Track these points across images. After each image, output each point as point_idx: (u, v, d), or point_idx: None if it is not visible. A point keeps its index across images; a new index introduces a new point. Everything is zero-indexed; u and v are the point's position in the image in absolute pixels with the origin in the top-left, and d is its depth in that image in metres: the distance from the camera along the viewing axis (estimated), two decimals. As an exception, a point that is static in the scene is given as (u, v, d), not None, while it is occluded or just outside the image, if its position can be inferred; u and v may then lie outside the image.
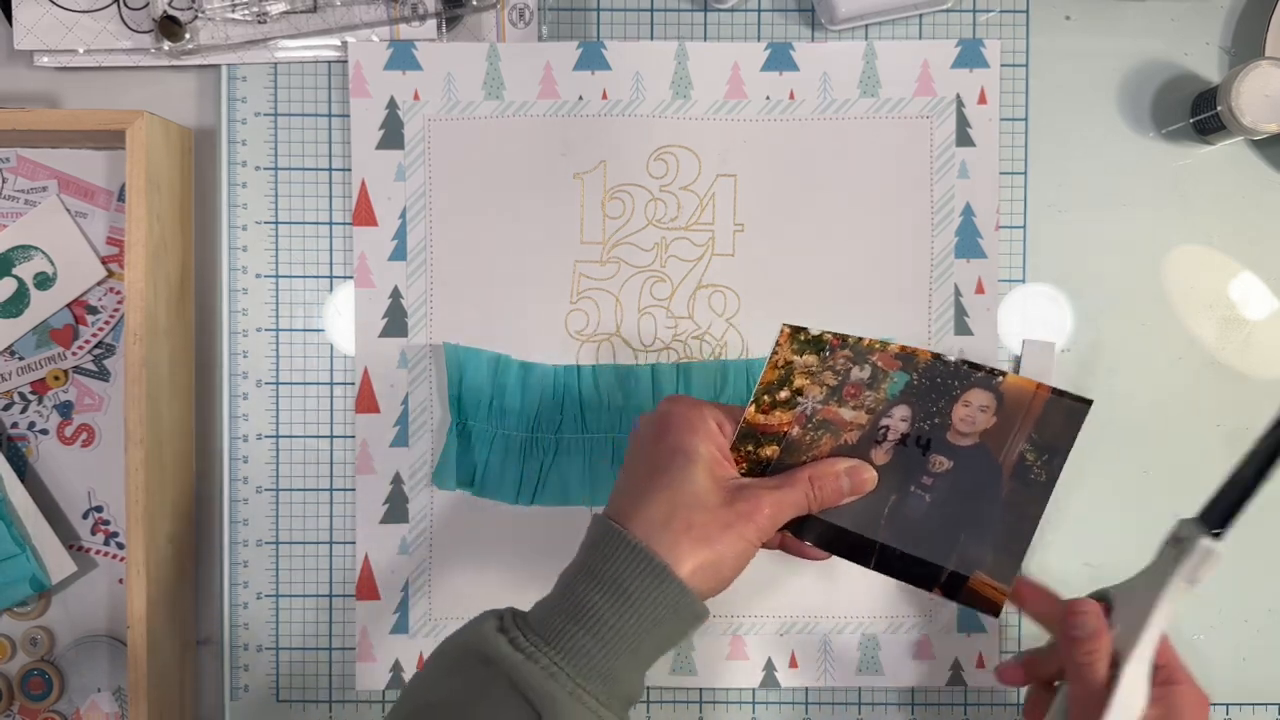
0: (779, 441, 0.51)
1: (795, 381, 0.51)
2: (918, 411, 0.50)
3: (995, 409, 0.49)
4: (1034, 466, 0.48)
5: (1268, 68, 0.59)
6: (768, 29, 0.65)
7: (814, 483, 0.50)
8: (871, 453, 0.51)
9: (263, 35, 0.63)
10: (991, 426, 0.49)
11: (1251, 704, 0.65)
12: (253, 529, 0.64)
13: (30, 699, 0.64)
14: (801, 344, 0.52)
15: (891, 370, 0.51)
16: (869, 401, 0.51)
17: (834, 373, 0.51)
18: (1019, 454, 0.49)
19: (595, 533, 0.47)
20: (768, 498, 0.48)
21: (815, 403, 0.51)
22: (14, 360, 0.64)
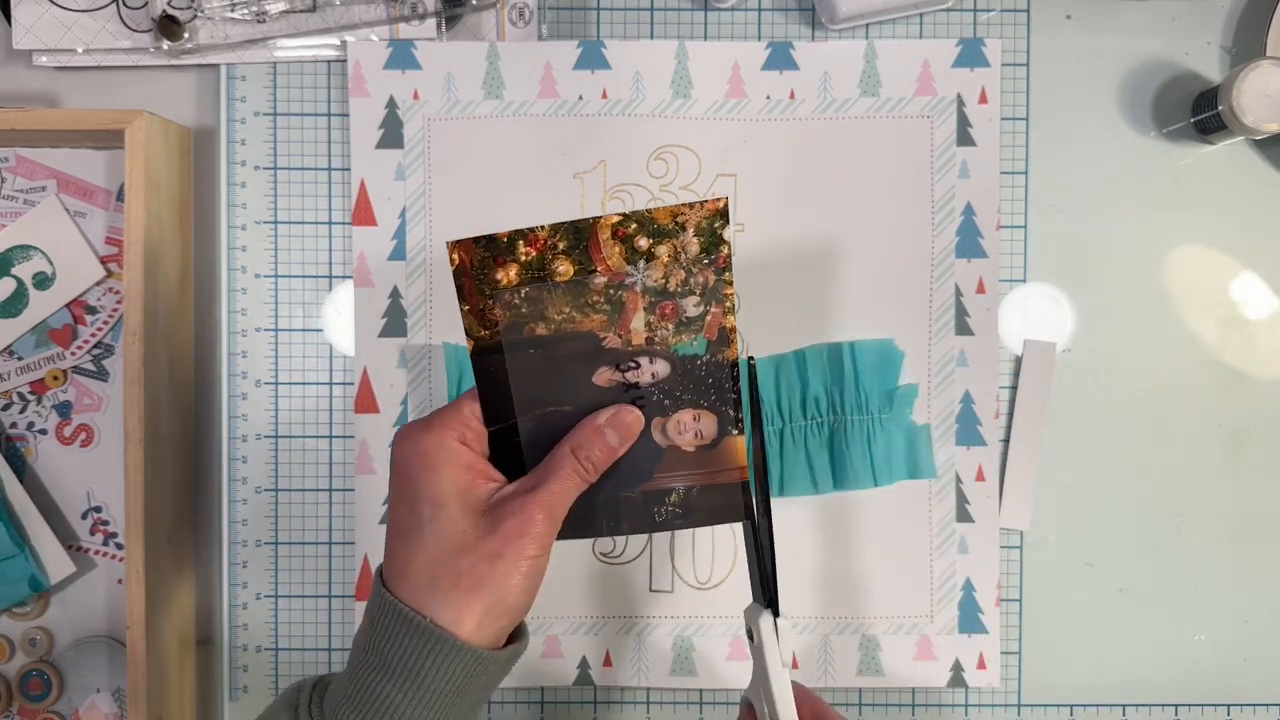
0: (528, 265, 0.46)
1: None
2: (672, 379, 0.47)
3: (707, 444, 0.47)
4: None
5: (1269, 67, 0.59)
6: (768, 28, 0.65)
7: (579, 454, 0.45)
8: (597, 374, 0.46)
9: (262, 34, 0.63)
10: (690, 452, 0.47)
11: (1252, 704, 0.65)
12: (252, 529, 0.64)
13: (29, 699, 0.64)
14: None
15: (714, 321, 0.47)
16: (651, 325, 0.46)
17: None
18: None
19: (373, 603, 0.44)
20: (533, 502, 0.43)
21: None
22: (13, 360, 0.64)
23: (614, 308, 0.46)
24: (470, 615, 0.42)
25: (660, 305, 0.46)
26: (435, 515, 0.43)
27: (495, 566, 0.42)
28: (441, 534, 0.43)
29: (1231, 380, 0.65)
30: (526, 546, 0.43)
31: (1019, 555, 0.65)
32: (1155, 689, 0.65)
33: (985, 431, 0.64)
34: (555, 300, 0.45)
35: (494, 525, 0.43)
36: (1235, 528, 0.65)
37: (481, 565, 0.42)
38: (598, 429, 0.45)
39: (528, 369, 0.46)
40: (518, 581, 0.43)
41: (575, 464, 0.45)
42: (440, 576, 0.43)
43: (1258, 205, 0.65)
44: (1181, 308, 0.65)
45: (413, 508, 0.44)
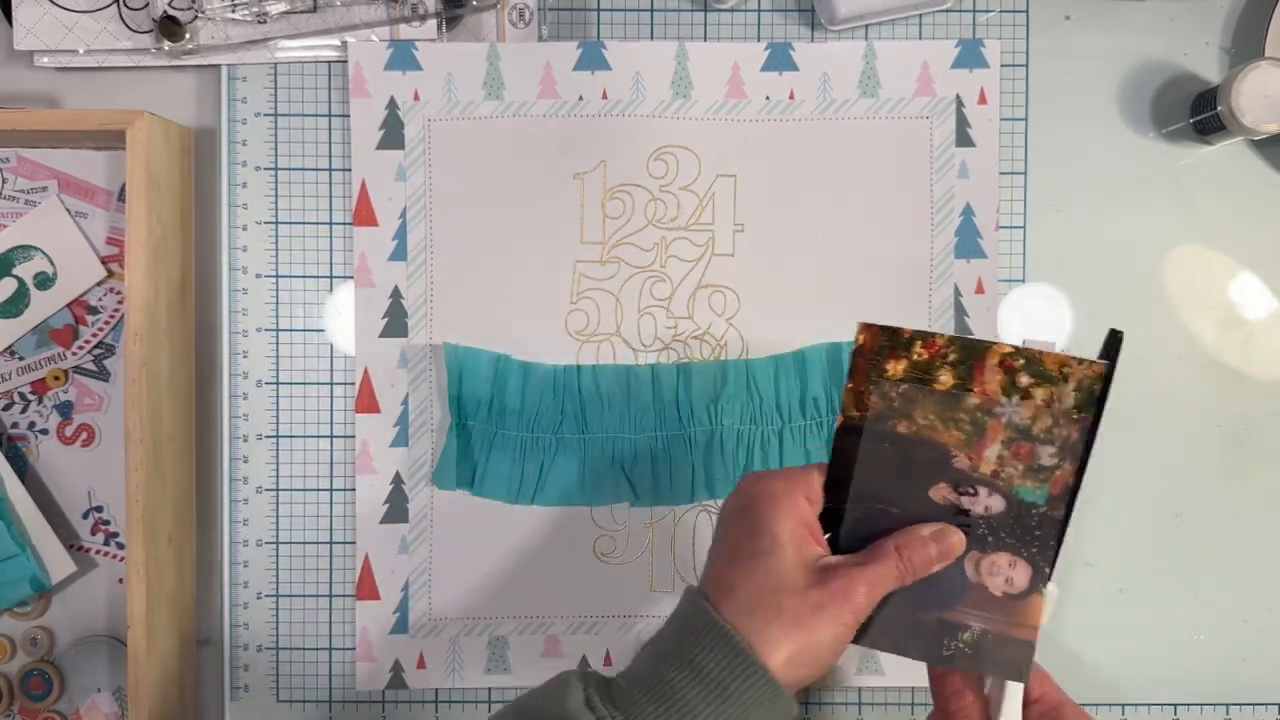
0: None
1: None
2: (1002, 519, 0.47)
3: (1015, 593, 0.48)
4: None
5: (1267, 68, 0.59)
6: (768, 29, 0.65)
7: (901, 553, 0.47)
8: (935, 488, 0.48)
9: (263, 35, 0.63)
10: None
11: (1252, 704, 0.65)
12: (253, 529, 0.64)
13: (30, 699, 0.64)
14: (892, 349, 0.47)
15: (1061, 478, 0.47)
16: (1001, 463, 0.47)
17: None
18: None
19: (687, 611, 0.46)
20: (860, 576, 0.45)
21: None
22: (14, 360, 0.64)
23: (975, 430, 0.47)
24: (782, 651, 0.43)
25: (1017, 444, 0.47)
26: (773, 549, 0.45)
27: (817, 615, 0.44)
28: (774, 568, 0.45)
29: (1231, 380, 0.65)
30: (845, 609, 0.44)
31: (1018, 555, 0.65)
32: (1155, 688, 0.65)
33: (985, 431, 0.64)
34: (926, 404, 0.47)
35: (821, 580, 0.45)
36: (1235, 528, 0.65)
37: (804, 609, 0.44)
38: (922, 538, 0.47)
39: (876, 461, 0.48)
40: (833, 637, 0.44)
41: (897, 559, 0.46)
42: (764, 607, 0.44)
43: (1257, 205, 0.65)
44: (1181, 308, 0.65)
45: (753, 535, 0.46)
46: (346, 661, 0.65)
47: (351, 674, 0.64)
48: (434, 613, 0.64)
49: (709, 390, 0.63)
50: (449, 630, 0.64)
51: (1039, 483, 0.47)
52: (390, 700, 0.65)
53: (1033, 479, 0.47)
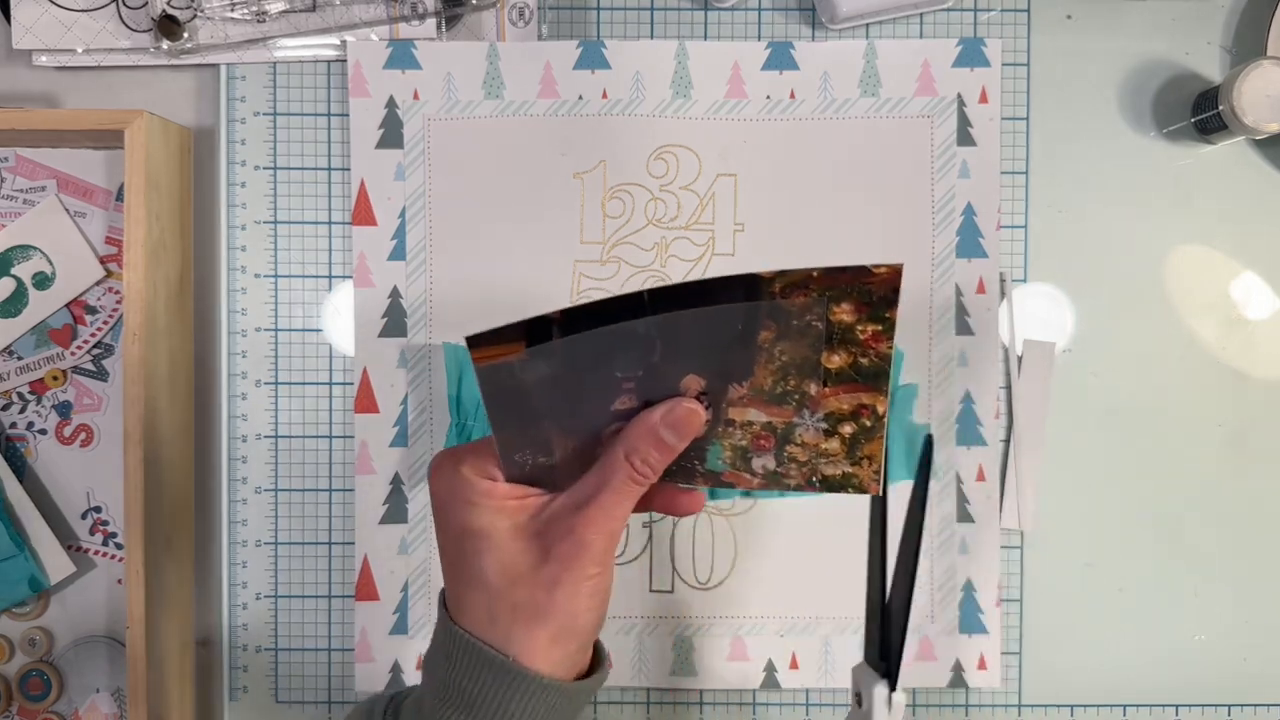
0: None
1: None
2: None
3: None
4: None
5: (1269, 67, 0.59)
6: (768, 28, 0.65)
7: (633, 460, 0.41)
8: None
9: (262, 34, 0.63)
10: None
11: (1252, 704, 0.65)
12: (252, 529, 0.64)
13: (29, 700, 0.64)
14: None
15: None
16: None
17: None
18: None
19: (442, 635, 0.43)
20: (586, 523, 0.40)
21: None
22: (12, 360, 0.64)
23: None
24: (539, 646, 0.40)
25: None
26: (479, 548, 0.41)
27: (554, 594, 0.40)
28: (491, 567, 0.41)
29: (1231, 380, 0.65)
30: (586, 567, 0.40)
31: (1019, 555, 0.65)
32: (1155, 689, 0.65)
33: (985, 431, 0.64)
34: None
35: (546, 550, 0.40)
36: (1235, 528, 0.65)
37: (539, 594, 0.40)
38: (652, 429, 0.41)
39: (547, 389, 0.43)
40: (581, 605, 0.40)
41: (630, 471, 0.41)
42: (499, 612, 0.41)
43: (1258, 205, 0.65)
44: (1182, 308, 0.65)
45: (458, 542, 0.42)
46: (345, 662, 0.64)
47: (350, 675, 0.64)
48: (433, 613, 0.64)
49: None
50: (449, 631, 0.64)
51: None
52: (390, 701, 0.65)
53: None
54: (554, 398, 0.42)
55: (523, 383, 0.42)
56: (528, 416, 0.42)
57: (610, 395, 0.42)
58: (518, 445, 0.43)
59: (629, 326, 0.41)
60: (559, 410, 0.42)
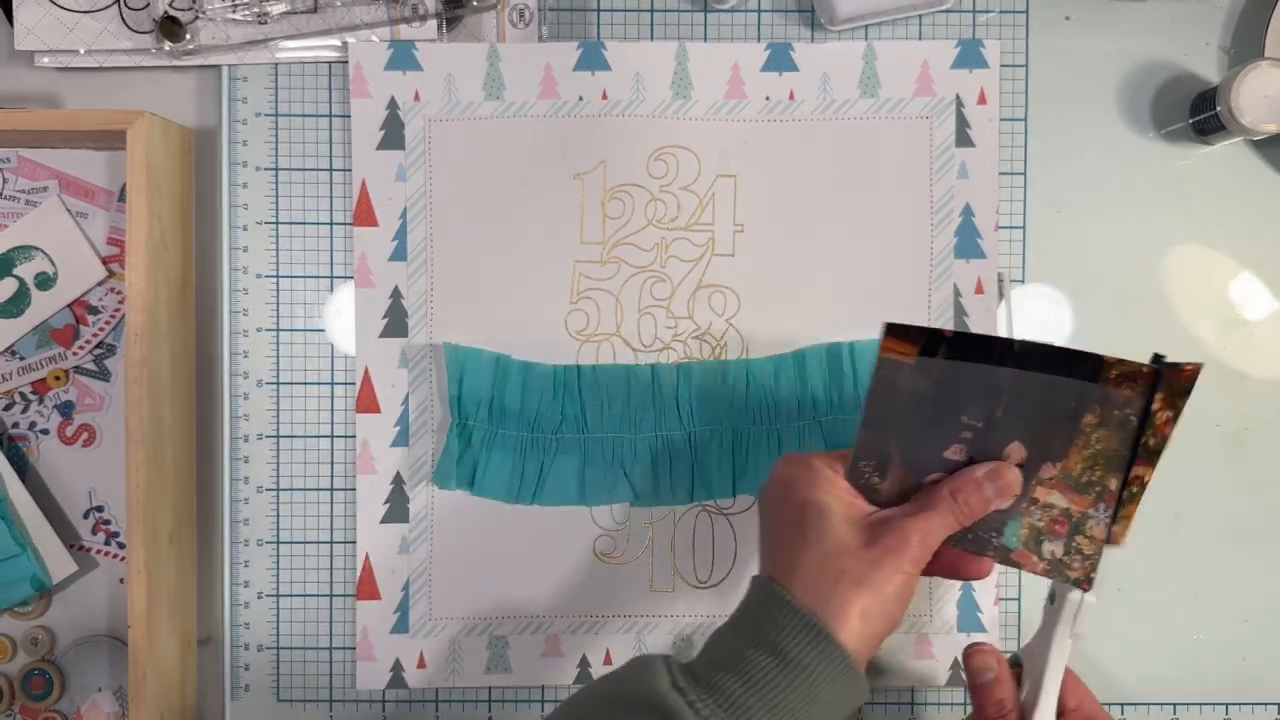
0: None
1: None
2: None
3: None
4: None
5: (1267, 68, 0.59)
6: (767, 29, 0.65)
7: (956, 497, 0.48)
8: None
9: (263, 36, 0.63)
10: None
11: (1251, 704, 0.65)
12: (253, 529, 0.64)
13: (31, 699, 0.64)
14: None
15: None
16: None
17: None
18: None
19: (757, 596, 0.48)
20: (913, 525, 0.47)
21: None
22: (15, 360, 0.64)
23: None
24: (852, 612, 0.45)
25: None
26: (820, 519, 0.47)
27: (876, 570, 0.46)
28: (827, 534, 0.47)
29: (1231, 380, 0.65)
30: (902, 560, 0.46)
31: (1018, 555, 0.65)
32: (1154, 688, 0.65)
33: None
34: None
35: (874, 538, 0.47)
36: (1235, 528, 0.65)
37: (864, 567, 0.46)
38: (976, 480, 0.48)
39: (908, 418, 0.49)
40: (894, 587, 0.46)
41: (951, 504, 0.48)
42: (827, 572, 0.46)
43: (1256, 206, 0.65)
44: (1180, 308, 0.65)
45: (799, 513, 0.48)
46: (347, 661, 0.65)
47: (352, 674, 0.65)
48: (434, 612, 0.64)
49: (709, 390, 0.63)
50: (449, 630, 0.64)
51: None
52: (390, 700, 0.65)
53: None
54: (912, 418, 0.49)
55: (900, 389, 0.48)
56: (888, 425, 0.49)
57: (948, 438, 0.49)
58: (868, 453, 0.50)
59: (993, 373, 0.47)
60: (909, 432, 0.49)
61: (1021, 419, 0.48)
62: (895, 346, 0.47)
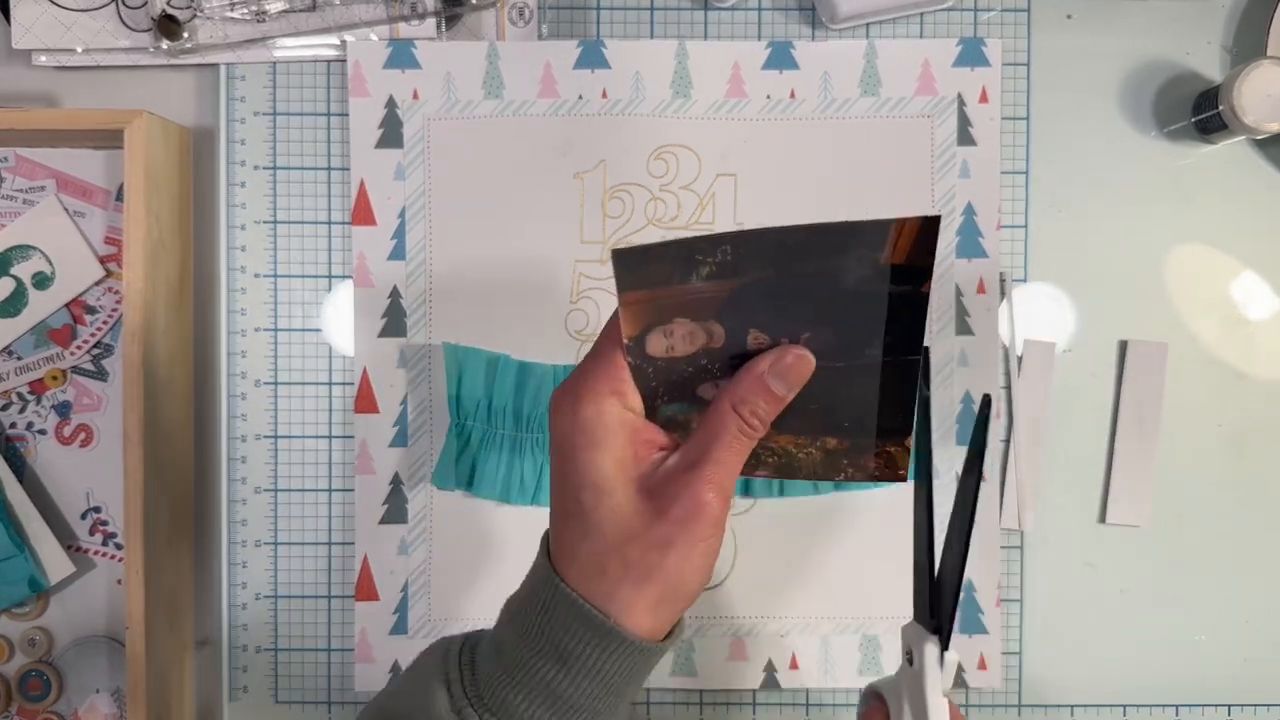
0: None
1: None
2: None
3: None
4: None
5: (1269, 67, 0.59)
6: (768, 28, 0.65)
7: (742, 410, 0.40)
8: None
9: (261, 34, 0.63)
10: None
11: (1253, 705, 0.65)
12: (251, 529, 0.64)
13: (29, 700, 0.64)
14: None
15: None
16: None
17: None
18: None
19: (540, 583, 0.42)
20: (702, 480, 0.39)
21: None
22: (12, 360, 0.64)
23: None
24: (643, 605, 0.40)
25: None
26: (599, 502, 0.40)
27: (667, 555, 0.39)
28: (607, 521, 0.40)
29: (1232, 380, 0.65)
30: (698, 530, 0.39)
31: (1019, 556, 0.65)
32: (1156, 689, 0.65)
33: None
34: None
35: (662, 509, 0.39)
36: (1235, 528, 0.65)
37: (652, 554, 0.39)
38: (758, 376, 0.40)
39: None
40: (692, 567, 0.40)
41: (739, 422, 0.40)
42: (609, 565, 0.40)
43: (1258, 205, 0.65)
44: (1182, 307, 0.65)
45: (575, 492, 0.40)
46: (345, 662, 0.64)
47: (350, 675, 0.64)
48: (433, 614, 0.64)
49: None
50: (448, 631, 0.64)
51: None
52: (390, 701, 0.65)
53: None
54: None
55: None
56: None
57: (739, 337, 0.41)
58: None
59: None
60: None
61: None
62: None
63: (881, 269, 0.39)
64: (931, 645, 0.44)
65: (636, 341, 0.40)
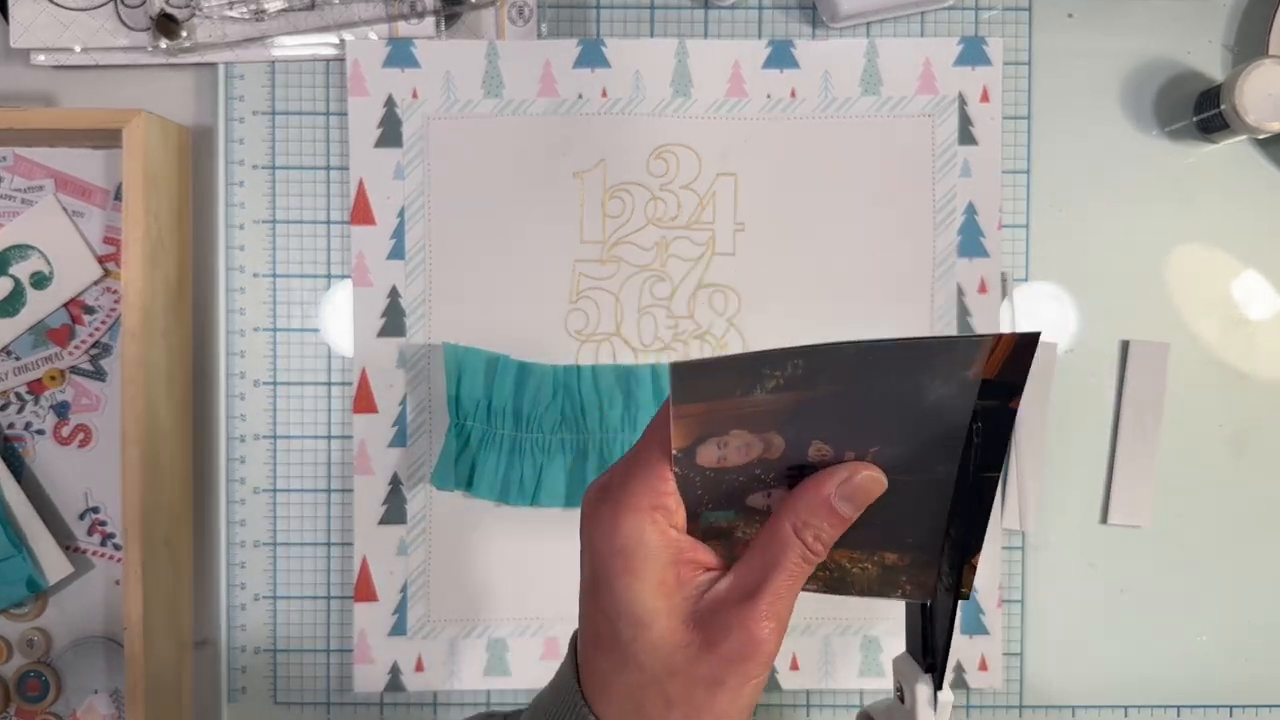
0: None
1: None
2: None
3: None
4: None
5: (1271, 66, 0.59)
6: (769, 26, 0.65)
7: (804, 534, 0.36)
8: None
9: (260, 33, 0.63)
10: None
11: (1254, 705, 0.65)
12: (250, 530, 0.64)
13: (27, 701, 0.63)
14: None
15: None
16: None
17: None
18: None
19: (564, 704, 0.38)
20: (758, 615, 0.35)
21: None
22: (10, 360, 0.63)
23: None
24: None
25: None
26: (637, 635, 0.35)
27: (716, 695, 0.35)
28: (647, 654, 0.35)
29: (1233, 380, 0.65)
30: (751, 669, 0.35)
31: (1020, 556, 0.65)
32: (1157, 690, 0.65)
33: (987, 432, 0.64)
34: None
35: (710, 643, 0.35)
36: (1236, 528, 0.65)
37: (699, 692, 0.35)
38: (825, 499, 0.36)
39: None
40: (741, 707, 0.35)
41: (802, 549, 0.36)
42: (648, 701, 0.35)
43: (1260, 204, 0.65)
44: (1183, 307, 0.65)
45: (612, 622, 0.36)
46: (344, 663, 0.64)
47: (349, 676, 0.64)
48: (432, 614, 0.64)
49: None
50: (447, 632, 0.64)
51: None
52: (388, 702, 0.64)
53: None
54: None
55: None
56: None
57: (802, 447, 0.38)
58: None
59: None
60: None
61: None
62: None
63: (969, 384, 0.36)
64: (924, 685, 0.41)
65: (686, 453, 0.37)
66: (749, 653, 0.35)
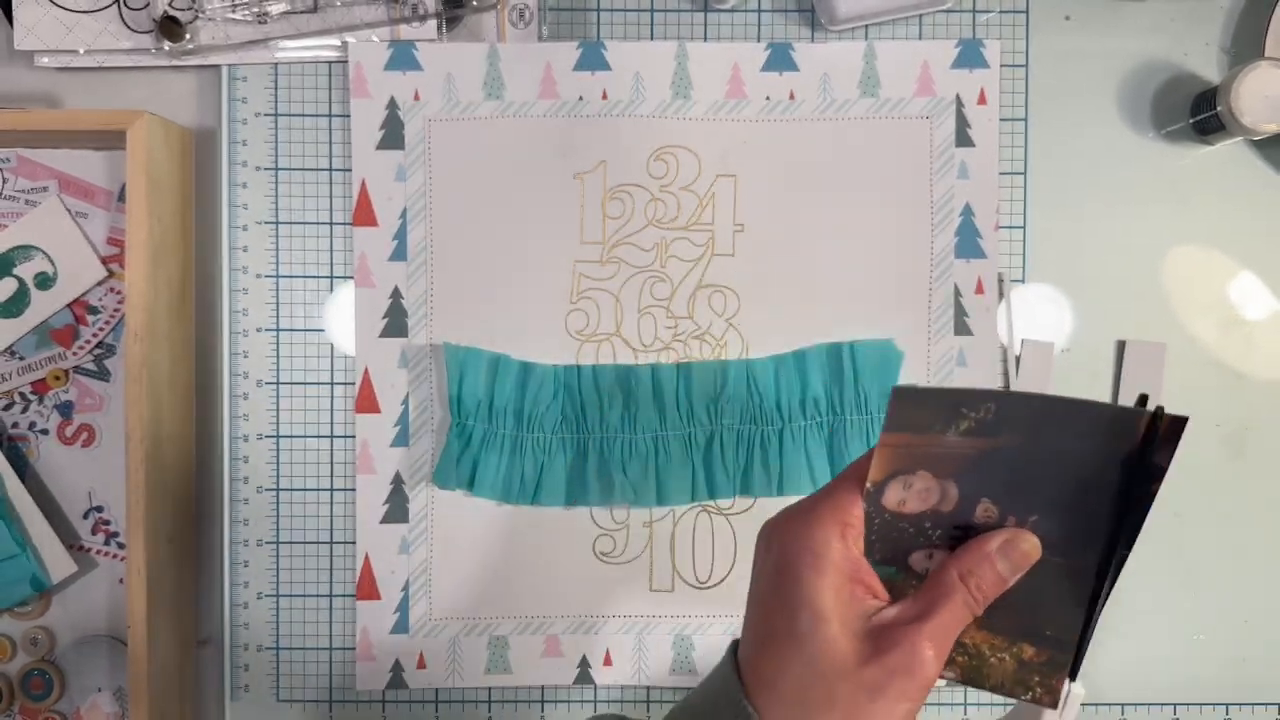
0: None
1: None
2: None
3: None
4: None
5: (1267, 68, 0.59)
6: (768, 29, 0.65)
7: (968, 581, 0.39)
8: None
9: (263, 35, 0.63)
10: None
11: (1251, 704, 0.65)
12: (253, 529, 0.64)
13: (31, 699, 0.64)
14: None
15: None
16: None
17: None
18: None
19: (722, 700, 0.40)
20: (921, 637, 0.37)
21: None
22: (14, 360, 0.64)
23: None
24: None
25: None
26: (815, 629, 0.38)
27: (875, 701, 0.37)
28: (820, 648, 0.38)
29: (1231, 380, 0.65)
30: (910, 687, 0.37)
31: (1018, 555, 0.65)
32: (1155, 689, 0.65)
33: (985, 431, 0.64)
34: None
35: (877, 653, 0.38)
36: (1235, 528, 0.65)
37: (860, 695, 0.37)
38: (988, 555, 0.39)
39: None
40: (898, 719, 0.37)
41: (965, 594, 0.39)
42: (814, 698, 0.38)
43: (1256, 205, 0.65)
44: (1180, 308, 0.65)
45: (792, 612, 0.39)
46: (347, 661, 0.65)
47: (352, 674, 0.64)
48: (434, 613, 0.64)
49: (709, 390, 0.63)
50: (449, 630, 0.64)
51: None
52: (390, 700, 0.65)
53: None
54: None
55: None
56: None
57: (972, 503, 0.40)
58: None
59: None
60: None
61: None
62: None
63: (1118, 460, 0.39)
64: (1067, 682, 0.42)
65: (878, 487, 0.40)
66: (912, 668, 0.37)
